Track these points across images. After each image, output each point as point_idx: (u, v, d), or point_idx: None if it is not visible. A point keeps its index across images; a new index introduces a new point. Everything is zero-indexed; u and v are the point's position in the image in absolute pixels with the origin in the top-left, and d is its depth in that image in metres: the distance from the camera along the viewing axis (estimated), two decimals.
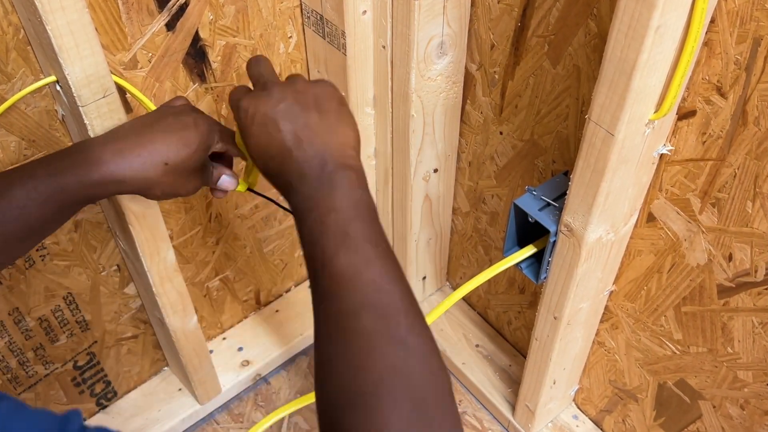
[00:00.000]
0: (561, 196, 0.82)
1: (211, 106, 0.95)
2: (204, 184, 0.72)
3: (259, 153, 0.61)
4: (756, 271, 0.76)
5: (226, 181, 0.73)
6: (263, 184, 0.73)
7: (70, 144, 0.85)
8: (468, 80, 0.98)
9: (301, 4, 0.95)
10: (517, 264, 0.88)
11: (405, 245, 1.15)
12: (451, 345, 1.23)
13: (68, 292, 0.97)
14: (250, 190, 0.79)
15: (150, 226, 0.87)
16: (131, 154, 0.65)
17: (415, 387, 0.49)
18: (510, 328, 1.21)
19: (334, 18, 0.91)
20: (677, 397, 0.94)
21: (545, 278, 0.88)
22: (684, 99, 0.72)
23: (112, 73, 0.74)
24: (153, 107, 0.82)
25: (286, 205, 0.63)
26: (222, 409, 1.20)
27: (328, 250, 0.54)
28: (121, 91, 0.81)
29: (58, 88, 0.75)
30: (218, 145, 0.70)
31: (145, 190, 0.67)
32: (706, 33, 0.67)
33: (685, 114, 0.73)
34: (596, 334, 1.00)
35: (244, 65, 0.94)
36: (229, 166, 0.75)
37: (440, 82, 0.95)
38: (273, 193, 0.72)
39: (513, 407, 1.14)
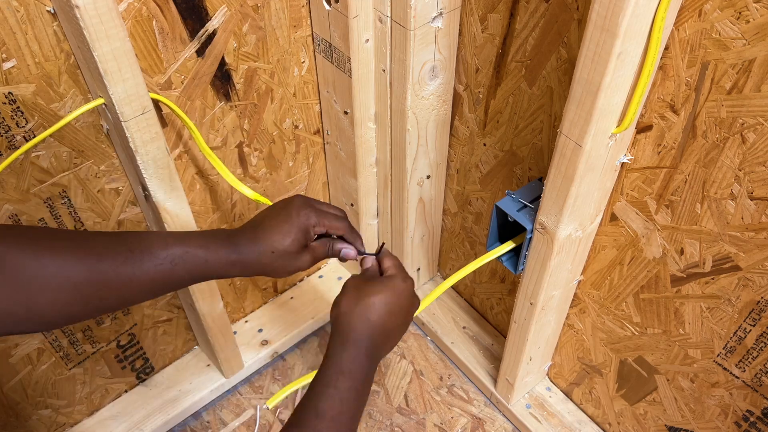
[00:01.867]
0: (536, 199, 0.82)
1: (235, 121, 0.95)
2: (322, 258, 0.73)
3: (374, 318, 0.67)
4: (704, 263, 0.76)
5: (345, 252, 0.74)
6: None
7: (114, 154, 0.85)
8: (456, 99, 0.98)
9: (312, 34, 0.95)
10: (499, 257, 0.88)
11: (402, 241, 1.15)
12: (442, 327, 1.23)
13: None
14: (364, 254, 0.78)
15: (183, 225, 0.87)
16: (245, 247, 0.67)
17: None
18: (492, 312, 1.21)
19: (341, 45, 0.91)
20: (636, 371, 0.94)
21: (522, 269, 0.88)
22: (642, 115, 0.72)
23: (150, 92, 0.74)
24: (189, 121, 0.82)
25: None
26: (244, 382, 1.20)
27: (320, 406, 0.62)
28: (158, 107, 0.81)
29: (103, 106, 0.75)
30: (316, 228, 0.70)
31: (266, 272, 0.69)
32: (661, 58, 0.67)
33: (643, 128, 0.73)
34: (566, 318, 1.00)
35: (264, 86, 0.94)
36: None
37: (432, 100, 0.95)
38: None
39: (495, 380, 1.14)
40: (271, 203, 0.75)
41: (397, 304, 0.69)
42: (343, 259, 0.74)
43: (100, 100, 0.74)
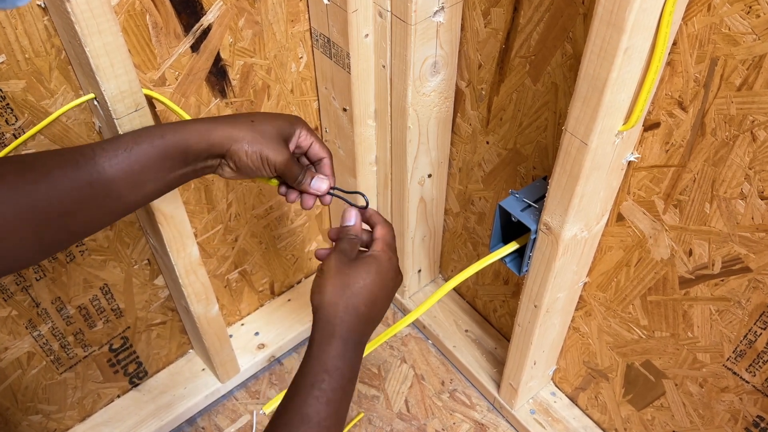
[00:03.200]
0: (540, 199, 0.82)
1: None
2: (293, 174, 0.68)
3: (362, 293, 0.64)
4: (713, 265, 0.76)
5: (315, 185, 0.70)
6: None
7: None
8: (458, 96, 0.98)
9: (310, 29, 0.95)
10: (502, 258, 0.88)
11: (402, 242, 1.15)
12: (444, 330, 1.23)
13: (104, 284, 0.97)
14: (334, 191, 0.74)
15: (177, 225, 0.87)
16: (222, 119, 0.65)
17: None
18: (495, 315, 1.21)
19: (339, 41, 0.91)
20: (643, 376, 0.94)
21: (526, 271, 0.88)
22: (649, 112, 0.72)
23: (144, 88, 0.74)
24: (185, 115, 0.81)
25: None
26: (240, 386, 1.20)
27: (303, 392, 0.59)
28: (151, 104, 0.81)
29: (95, 103, 0.75)
30: (301, 137, 0.68)
31: (234, 150, 0.64)
32: (669, 54, 0.67)
33: (650, 126, 0.73)
34: (572, 321, 1.00)
35: (261, 82, 0.94)
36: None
37: (434, 97, 0.95)
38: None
39: (498, 385, 1.14)
40: (277, 184, 0.72)
41: (384, 288, 0.65)
42: (309, 193, 0.70)
43: (91, 95, 0.74)
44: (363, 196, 0.74)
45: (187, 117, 0.80)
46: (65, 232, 0.58)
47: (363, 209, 0.71)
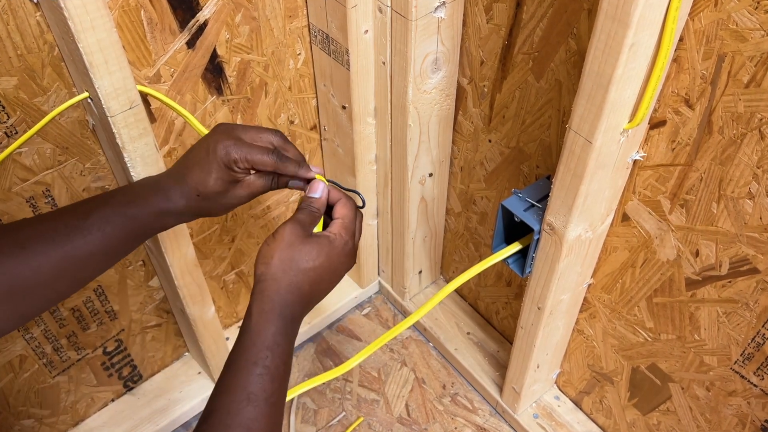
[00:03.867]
0: (544, 198, 0.82)
1: (228, 116, 0.95)
2: (265, 191, 0.69)
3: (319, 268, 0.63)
4: (720, 266, 0.76)
5: (293, 183, 0.69)
6: None
7: (100, 151, 0.85)
8: (460, 93, 0.98)
9: (308, 24, 0.95)
10: (505, 259, 0.88)
11: (403, 242, 1.15)
12: (445, 333, 1.23)
13: (98, 285, 0.97)
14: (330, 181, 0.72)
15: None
16: (173, 192, 0.66)
17: None
18: (498, 317, 1.21)
19: (338, 37, 0.91)
20: (649, 379, 0.94)
21: (530, 272, 0.88)
22: (655, 110, 0.72)
23: (138, 85, 0.74)
24: (181, 109, 0.81)
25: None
26: None
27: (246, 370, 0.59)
28: (146, 102, 0.81)
29: (89, 100, 0.75)
30: (239, 165, 0.66)
31: (201, 215, 0.68)
32: (676, 50, 0.67)
33: (656, 123, 0.73)
34: (576, 323, 1.00)
35: (258, 79, 0.94)
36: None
37: (435, 94, 0.95)
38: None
39: (501, 389, 1.14)
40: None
41: (332, 271, 0.65)
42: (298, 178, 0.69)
43: (85, 95, 0.74)
44: (359, 194, 0.73)
45: (184, 112, 0.80)
46: (41, 300, 0.61)
47: (360, 208, 0.71)
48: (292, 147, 0.70)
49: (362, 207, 0.71)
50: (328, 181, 0.70)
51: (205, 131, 0.79)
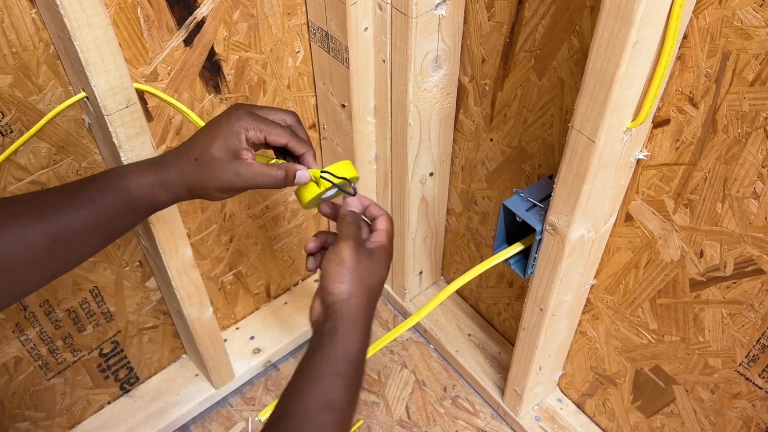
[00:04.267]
0: (546, 198, 0.82)
1: None
2: (267, 182, 0.67)
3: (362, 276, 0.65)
4: (725, 267, 0.76)
5: (300, 175, 0.68)
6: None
7: (96, 150, 0.85)
8: (461, 91, 0.98)
9: (307, 22, 0.95)
10: (506, 260, 0.88)
11: (403, 243, 1.15)
12: (446, 334, 1.23)
13: (94, 286, 0.97)
14: (323, 174, 0.70)
15: (169, 226, 0.87)
16: (171, 161, 0.65)
17: None
18: (499, 318, 1.21)
19: (338, 34, 0.91)
20: (653, 382, 0.94)
21: (532, 273, 0.88)
22: (659, 108, 0.72)
23: (135, 82, 0.74)
24: (179, 105, 0.81)
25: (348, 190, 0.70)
26: (235, 393, 1.20)
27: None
28: (143, 100, 0.81)
29: (85, 99, 0.75)
30: (250, 133, 0.65)
31: (196, 188, 0.65)
32: (680, 48, 0.67)
33: (660, 122, 0.73)
34: (578, 324, 1.00)
35: (256, 78, 0.94)
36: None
37: (435, 93, 0.95)
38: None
39: (502, 391, 1.14)
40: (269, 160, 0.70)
41: (386, 277, 0.68)
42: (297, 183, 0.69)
43: (82, 95, 0.74)
44: (350, 182, 0.72)
45: (183, 108, 0.80)
46: (35, 277, 0.61)
47: (352, 195, 0.71)
48: (304, 130, 0.71)
49: (353, 195, 0.71)
50: (321, 171, 0.70)
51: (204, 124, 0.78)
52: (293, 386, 0.61)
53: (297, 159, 0.70)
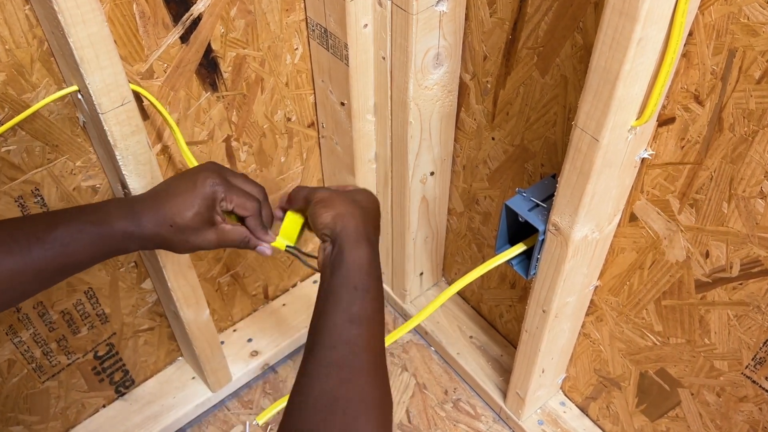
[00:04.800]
0: (549, 198, 0.82)
1: (222, 113, 0.95)
2: (234, 245, 0.72)
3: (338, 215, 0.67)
4: (731, 267, 0.76)
5: (260, 250, 0.74)
6: None
7: (91, 149, 0.85)
8: (462, 89, 0.98)
9: (306, 18, 0.95)
10: (509, 261, 0.88)
11: (403, 243, 1.15)
12: (447, 336, 1.23)
13: (89, 287, 0.97)
14: (288, 249, 0.77)
15: None
16: (144, 218, 0.67)
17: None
18: (502, 320, 1.21)
19: (337, 31, 0.91)
20: (658, 385, 0.94)
21: (534, 274, 0.88)
22: (664, 107, 0.72)
23: (129, 82, 0.74)
24: (167, 115, 0.82)
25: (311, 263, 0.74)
26: (232, 396, 1.20)
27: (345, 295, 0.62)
28: (138, 99, 0.81)
29: (79, 96, 0.75)
30: (223, 204, 0.69)
31: (165, 246, 0.69)
32: (685, 45, 0.67)
33: (665, 121, 0.73)
34: (582, 326, 1.00)
35: (254, 75, 0.94)
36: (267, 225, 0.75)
37: (436, 90, 0.95)
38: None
39: (504, 394, 1.14)
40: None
41: (373, 198, 0.72)
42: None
43: (74, 88, 0.74)
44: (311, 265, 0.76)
45: (170, 120, 0.82)
46: None
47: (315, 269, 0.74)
48: (269, 207, 0.75)
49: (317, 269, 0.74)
50: (287, 247, 0.76)
51: (194, 162, 0.84)
52: (317, 311, 0.63)
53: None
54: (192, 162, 0.85)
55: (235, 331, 1.23)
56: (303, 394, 0.57)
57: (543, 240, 0.83)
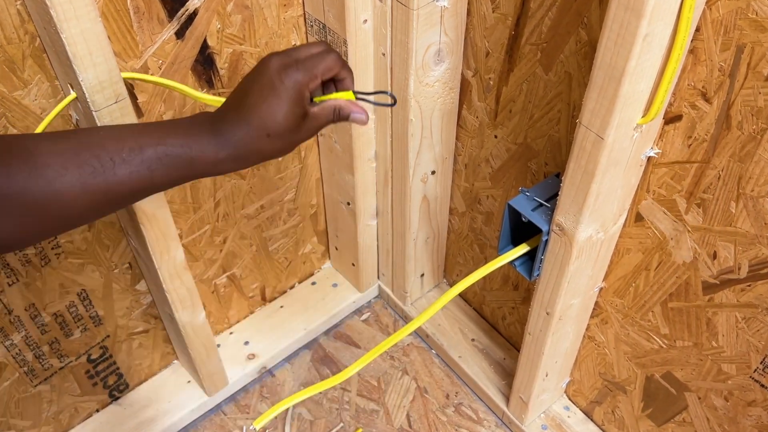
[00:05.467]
0: (553, 197, 0.82)
1: None
2: (327, 124, 0.68)
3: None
4: (739, 269, 0.76)
5: (356, 117, 0.69)
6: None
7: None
8: (464, 86, 0.98)
9: (304, 14, 0.95)
10: (511, 262, 0.88)
11: (404, 244, 1.15)
12: (448, 339, 1.23)
13: (82, 289, 0.97)
14: (359, 97, 0.70)
15: (160, 226, 0.87)
16: (235, 138, 0.63)
17: None
18: (504, 323, 1.21)
19: (336, 27, 0.91)
20: (664, 389, 0.94)
21: (538, 275, 0.88)
22: (670, 104, 0.72)
23: (123, 72, 0.74)
24: (172, 83, 0.80)
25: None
26: (229, 400, 1.20)
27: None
28: (133, 96, 0.81)
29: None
30: (311, 86, 0.64)
31: (265, 158, 0.65)
32: (692, 41, 0.67)
33: (671, 118, 0.73)
34: (587, 329, 1.00)
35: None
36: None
37: (437, 87, 0.95)
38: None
39: (507, 399, 1.14)
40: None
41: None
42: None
43: (73, 96, 0.74)
44: (389, 94, 0.71)
45: (185, 88, 0.79)
46: (65, 223, 0.60)
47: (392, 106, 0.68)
48: (336, 51, 0.70)
49: (393, 105, 0.69)
50: (354, 92, 0.69)
51: (219, 101, 0.75)
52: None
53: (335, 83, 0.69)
54: (216, 101, 0.78)
55: (231, 333, 1.23)
56: None
57: (547, 240, 0.83)
